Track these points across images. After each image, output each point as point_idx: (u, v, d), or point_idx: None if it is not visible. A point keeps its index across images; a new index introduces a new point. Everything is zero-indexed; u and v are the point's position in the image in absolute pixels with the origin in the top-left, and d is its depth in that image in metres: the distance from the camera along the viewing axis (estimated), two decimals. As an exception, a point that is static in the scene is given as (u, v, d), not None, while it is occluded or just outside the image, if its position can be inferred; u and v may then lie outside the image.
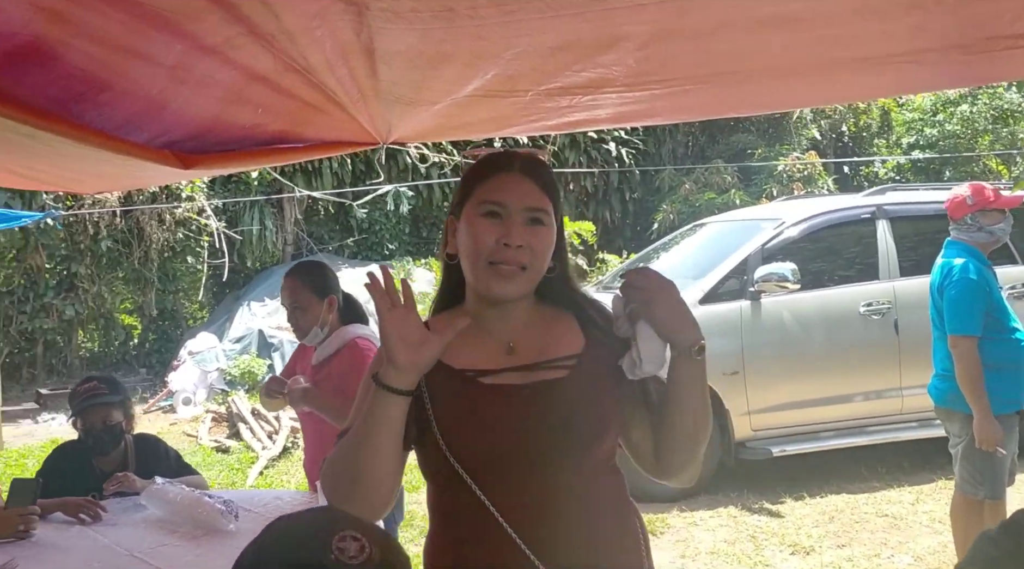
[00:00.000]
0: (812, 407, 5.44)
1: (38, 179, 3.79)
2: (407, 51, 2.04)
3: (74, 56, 1.87)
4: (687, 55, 2.08)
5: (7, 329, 9.49)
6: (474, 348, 1.43)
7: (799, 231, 5.74)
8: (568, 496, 1.38)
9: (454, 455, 1.36)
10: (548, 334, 1.46)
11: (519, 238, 1.38)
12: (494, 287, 1.38)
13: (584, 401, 1.40)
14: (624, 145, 13.01)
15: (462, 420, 1.38)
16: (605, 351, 1.44)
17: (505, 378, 1.41)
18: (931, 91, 10.95)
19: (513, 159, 1.46)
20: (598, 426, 1.41)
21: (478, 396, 1.40)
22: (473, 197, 1.43)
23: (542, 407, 1.38)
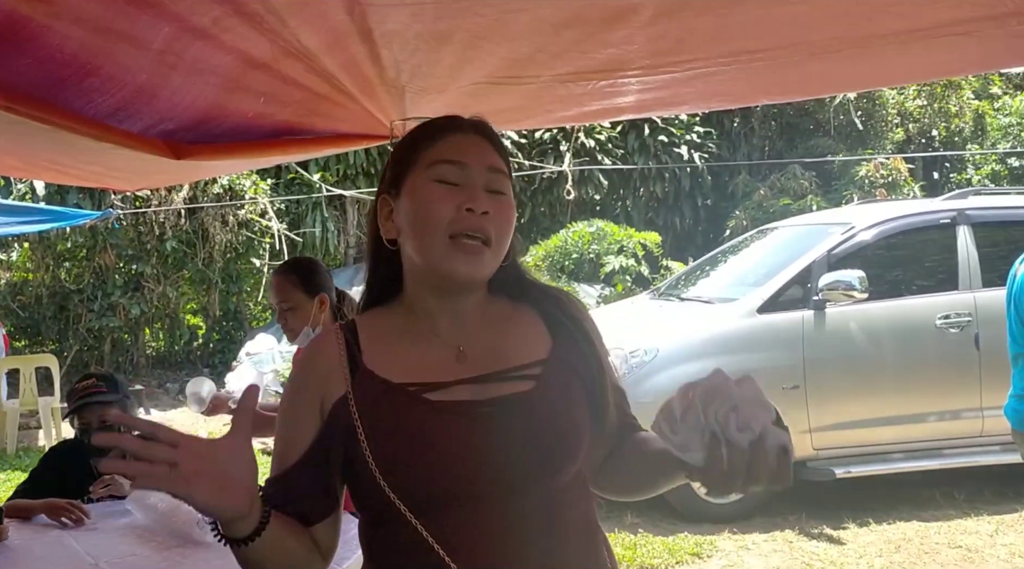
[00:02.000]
0: (880, 426, 5.05)
1: (73, 175, 3.80)
2: (403, 31, 1.90)
3: (54, 38, 1.78)
4: (703, 30, 1.87)
5: (76, 327, 9.78)
6: (416, 355, 1.19)
7: (870, 237, 5.37)
8: (530, 530, 1.14)
9: (394, 488, 1.11)
10: (506, 335, 1.23)
11: (483, 203, 1.15)
12: (459, 266, 1.14)
13: (553, 417, 1.16)
14: (697, 149, 12.63)
15: (403, 446, 1.12)
16: (574, 351, 1.22)
17: (457, 393, 1.15)
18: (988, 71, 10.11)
19: (463, 120, 1.23)
20: (569, 445, 1.17)
21: (423, 416, 1.14)
22: (418, 164, 1.19)
23: (503, 428, 1.13)
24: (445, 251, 1.14)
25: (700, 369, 5.01)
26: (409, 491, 1.11)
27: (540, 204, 12.23)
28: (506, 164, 1.23)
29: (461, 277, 1.15)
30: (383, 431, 1.13)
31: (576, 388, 1.21)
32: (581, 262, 10.41)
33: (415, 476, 1.11)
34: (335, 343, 1.20)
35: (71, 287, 9.86)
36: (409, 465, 1.11)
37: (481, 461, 1.11)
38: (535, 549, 1.14)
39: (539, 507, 1.14)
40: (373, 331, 1.22)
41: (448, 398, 1.15)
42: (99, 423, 2.67)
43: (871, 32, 1.78)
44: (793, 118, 13.32)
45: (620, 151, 12.30)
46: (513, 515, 1.12)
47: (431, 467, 1.11)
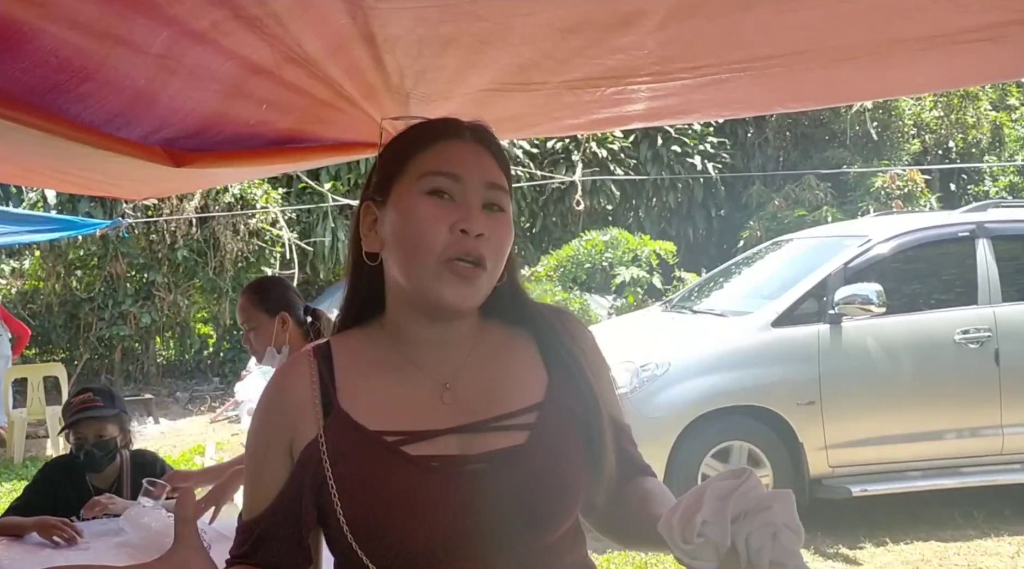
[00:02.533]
0: (898, 443, 4.94)
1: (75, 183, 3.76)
2: (406, 35, 1.85)
3: (48, 42, 1.73)
4: (715, 36, 1.80)
5: (87, 335, 9.78)
6: (397, 395, 1.06)
7: (887, 249, 5.26)
8: None
9: (366, 550, 1.00)
10: (498, 372, 1.10)
11: (479, 224, 1.03)
12: (449, 293, 1.02)
13: (547, 474, 1.04)
14: (711, 159, 12.54)
15: (378, 505, 1.00)
16: (571, 389, 1.10)
17: (442, 445, 1.03)
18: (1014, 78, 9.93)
19: (461, 125, 1.11)
20: (563, 503, 1.05)
21: (402, 473, 1.01)
22: (409, 172, 1.06)
23: (492, 487, 1.01)
24: (435, 275, 1.02)
25: (713, 384, 4.97)
26: (383, 553, 1.00)
27: (551, 214, 12.16)
28: (507, 176, 1.11)
29: (450, 305, 1.03)
30: (356, 486, 1.01)
31: (573, 435, 1.08)
32: (593, 272, 10.31)
33: (390, 538, 1.00)
34: (306, 373, 1.08)
35: (82, 295, 9.86)
36: (384, 526, 0.99)
37: (466, 522, 1.00)
38: None
39: (526, 564, 1.03)
40: (349, 360, 1.09)
41: (432, 452, 1.02)
42: (95, 438, 2.61)
43: (891, 38, 1.70)
44: (808, 129, 13.21)
45: (633, 161, 12.22)
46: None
47: (409, 529, 0.99)
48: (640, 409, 4.84)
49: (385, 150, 1.15)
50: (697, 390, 4.87)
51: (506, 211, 1.08)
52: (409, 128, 1.14)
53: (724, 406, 4.87)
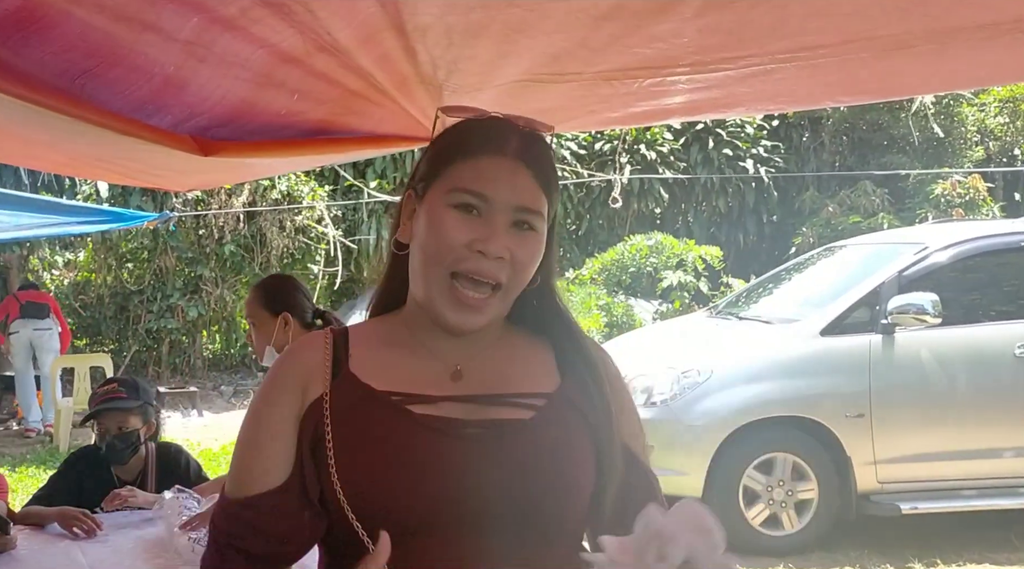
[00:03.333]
0: (952, 460, 4.75)
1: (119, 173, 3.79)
2: (435, 24, 1.79)
3: (74, 26, 1.70)
4: (759, 24, 1.70)
5: (135, 327, 9.96)
6: (407, 366, 1.04)
7: (944, 258, 5.07)
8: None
9: (357, 512, 0.96)
10: (512, 364, 1.07)
11: (500, 246, 0.99)
12: (450, 317, 1.00)
13: (552, 454, 1.00)
14: (764, 163, 12.29)
15: (375, 462, 0.97)
16: (583, 394, 1.06)
17: (446, 409, 1.00)
18: None
19: (508, 136, 1.04)
20: (566, 488, 1.00)
21: (402, 429, 0.98)
22: (443, 179, 1.03)
23: (494, 457, 0.98)
24: (442, 291, 1.00)
25: (757, 393, 4.82)
26: (374, 517, 0.95)
27: (598, 216, 12.04)
28: (547, 194, 1.04)
29: (452, 325, 1.01)
30: (355, 443, 0.98)
31: (580, 431, 1.04)
32: (639, 276, 10.18)
33: (383, 499, 0.96)
34: (320, 345, 1.06)
35: (132, 288, 10.06)
36: (379, 485, 0.96)
37: (461, 489, 0.96)
38: None
39: (535, 556, 0.97)
40: (365, 337, 1.08)
41: (435, 413, 1.00)
42: (116, 430, 2.59)
43: (950, 25, 1.58)
44: (866, 133, 12.87)
45: (682, 164, 12.03)
46: (481, 556, 0.95)
47: (403, 490, 0.95)
48: (680, 416, 4.73)
49: (432, 145, 1.10)
50: (740, 399, 4.74)
51: (537, 230, 1.03)
52: (459, 127, 1.09)
53: (768, 416, 4.73)
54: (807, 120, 12.72)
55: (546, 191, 1.04)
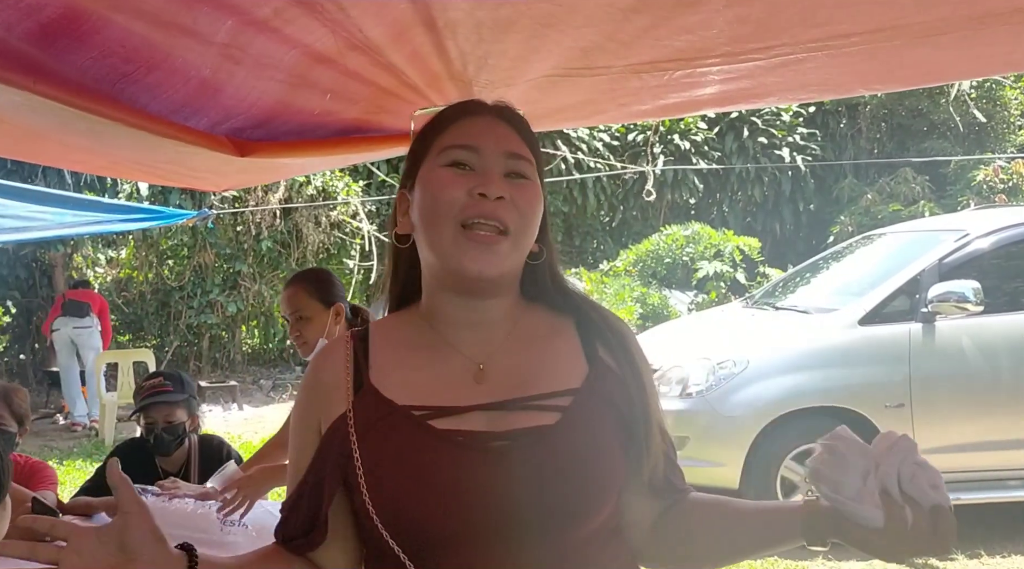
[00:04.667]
0: (996, 450, 4.66)
1: (157, 175, 3.86)
2: (465, 19, 1.80)
3: (114, 32, 1.75)
4: (789, 13, 1.69)
5: (176, 323, 10.14)
6: (429, 373, 1.05)
7: (987, 245, 4.96)
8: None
9: (389, 527, 0.98)
10: (536, 356, 1.07)
11: (498, 188, 1.02)
12: (469, 260, 1.01)
13: (577, 458, 1.00)
14: (800, 152, 12.13)
15: (402, 480, 0.98)
16: (613, 381, 1.06)
17: (470, 421, 1.01)
18: None
19: (480, 103, 1.13)
20: (594, 492, 1.01)
21: (427, 447, 0.99)
22: (431, 151, 1.08)
23: (518, 466, 0.98)
24: (455, 241, 1.01)
25: (795, 383, 4.76)
26: (405, 532, 0.98)
27: (631, 207, 11.98)
28: (532, 151, 1.10)
29: (473, 273, 1.01)
30: (381, 461, 0.99)
31: (610, 426, 1.04)
32: (674, 267, 10.12)
33: (413, 516, 0.97)
34: (342, 355, 1.08)
35: (172, 284, 10.24)
36: (407, 503, 0.97)
37: (489, 502, 0.97)
38: None
39: (559, 558, 0.98)
40: (385, 341, 1.09)
41: (458, 427, 1.00)
42: (164, 422, 2.66)
43: (984, 11, 1.56)
44: (905, 119, 12.64)
45: (717, 153, 11.92)
46: (523, 565, 0.97)
47: (432, 507, 0.97)
48: (716, 407, 4.71)
49: (413, 140, 1.16)
50: (777, 389, 4.70)
51: (530, 179, 1.07)
52: (432, 116, 1.15)
53: (806, 407, 4.67)
54: (844, 107, 12.53)
55: (528, 144, 1.09)
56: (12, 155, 4.28)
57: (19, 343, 10.46)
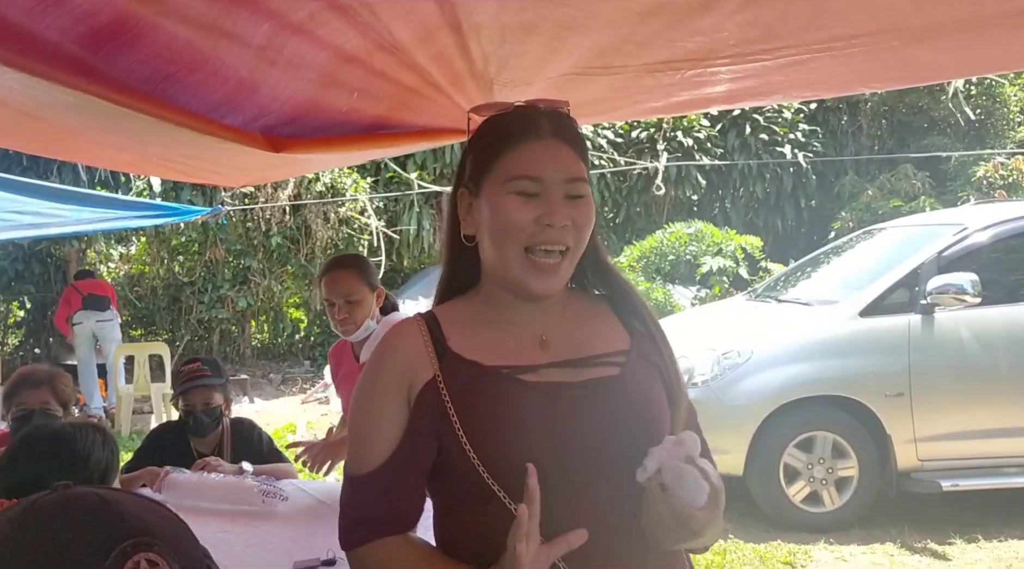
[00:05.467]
0: (994, 438, 4.78)
1: (181, 171, 3.98)
2: (490, 23, 1.92)
3: (160, 36, 1.87)
4: (795, 18, 1.81)
5: (188, 318, 10.28)
6: (501, 342, 1.19)
7: (985, 238, 5.09)
8: (619, 516, 1.13)
9: (491, 471, 1.10)
10: (585, 328, 1.24)
11: (563, 216, 1.15)
12: (533, 284, 1.16)
13: (640, 403, 1.18)
14: (802, 148, 12.23)
15: (499, 428, 1.12)
16: (651, 349, 1.23)
17: (548, 375, 1.16)
18: None
19: (540, 119, 1.20)
20: (655, 432, 1.16)
21: (518, 397, 1.14)
22: (496, 171, 1.18)
23: (596, 409, 1.15)
24: (521, 265, 1.15)
25: (797, 373, 4.89)
26: (504, 473, 1.10)
27: (635, 204, 12.09)
28: (584, 161, 1.21)
29: (537, 294, 1.17)
30: (477, 413, 1.13)
31: (656, 382, 1.21)
32: (677, 264, 10.23)
33: (511, 458, 1.10)
34: (416, 330, 1.20)
35: (184, 280, 10.38)
36: (505, 447, 1.11)
37: (576, 443, 1.12)
38: (623, 536, 1.13)
39: (629, 496, 1.12)
40: (453, 319, 1.22)
41: (542, 379, 1.15)
42: (202, 405, 2.79)
43: (977, 15, 1.68)
44: (906, 116, 12.74)
45: (719, 150, 12.02)
46: (605, 502, 1.12)
47: (527, 448, 1.10)
48: (721, 397, 4.83)
49: (473, 144, 1.25)
50: (780, 379, 4.83)
51: (586, 196, 1.19)
52: (495, 122, 1.23)
53: (808, 396, 4.81)
54: (845, 104, 12.62)
55: (583, 159, 1.21)
56: (44, 152, 4.40)
57: (34, 337, 10.60)
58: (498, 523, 1.07)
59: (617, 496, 1.12)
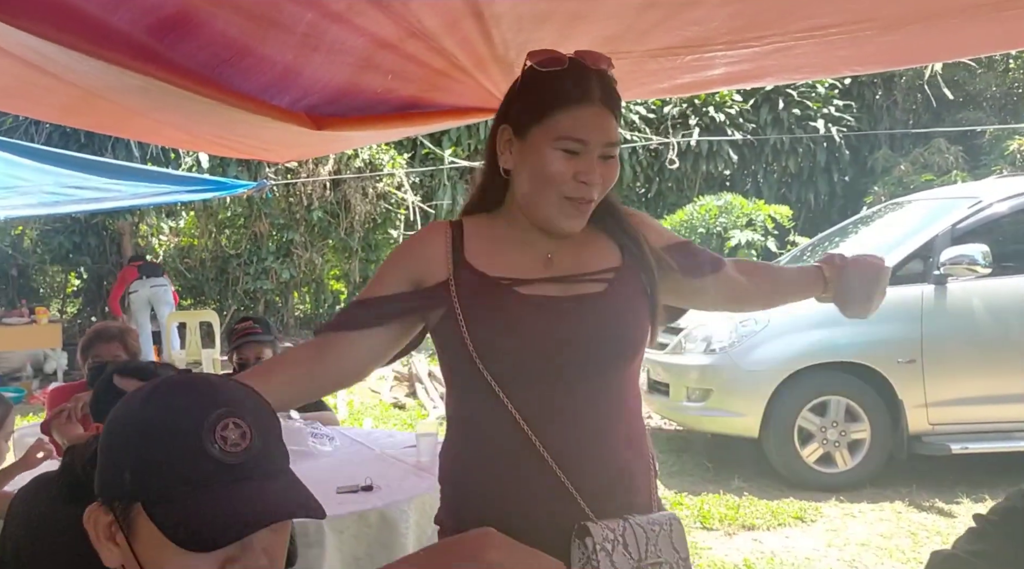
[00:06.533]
0: (1003, 404, 4.95)
1: (231, 147, 4.29)
2: (509, 12, 2.14)
3: (217, 24, 2.11)
4: (777, 9, 2.03)
5: (234, 289, 10.72)
6: (510, 257, 1.41)
7: (998, 211, 5.22)
8: (594, 411, 1.37)
9: (487, 367, 1.34)
10: (585, 247, 1.45)
11: (596, 176, 1.35)
12: (563, 223, 1.37)
13: (620, 317, 1.39)
14: (835, 123, 12.22)
15: (498, 331, 1.35)
16: (640, 268, 1.44)
17: (543, 289, 1.39)
18: None
19: (591, 83, 1.36)
20: (631, 343, 1.40)
21: (513, 305, 1.37)
22: (547, 126, 1.34)
23: (579, 320, 1.37)
24: (558, 208, 1.36)
25: (812, 340, 5.12)
26: (495, 365, 1.34)
27: (667, 179, 12.21)
28: (619, 121, 1.40)
29: (564, 232, 1.39)
30: (480, 317, 1.36)
31: (641, 295, 1.43)
32: (708, 237, 10.38)
33: (506, 356, 1.34)
34: (443, 235, 1.44)
35: (230, 252, 10.80)
36: (501, 347, 1.34)
37: (562, 346, 1.34)
38: (598, 428, 1.38)
39: (603, 393, 1.38)
40: (476, 231, 1.45)
41: (535, 292, 1.38)
42: (255, 360, 3.10)
43: (934, 10, 1.90)
44: (940, 91, 12.66)
45: (752, 125, 12.08)
46: (581, 395, 1.36)
47: (520, 349, 1.34)
48: (738, 362, 5.07)
49: (525, 91, 1.42)
50: (796, 346, 5.04)
51: (615, 157, 1.39)
52: (547, 79, 1.39)
53: (823, 362, 5.02)
54: (879, 79, 12.56)
55: (618, 120, 1.39)
56: (108, 130, 4.72)
57: (91, 306, 11.13)
58: (491, 411, 1.34)
59: (600, 393, 1.38)
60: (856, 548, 4.15)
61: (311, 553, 1.98)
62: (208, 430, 0.86)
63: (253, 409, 0.91)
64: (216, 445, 0.85)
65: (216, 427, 0.86)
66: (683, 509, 4.62)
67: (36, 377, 8.48)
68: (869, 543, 4.19)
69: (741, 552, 4.11)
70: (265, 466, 0.89)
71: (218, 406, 0.88)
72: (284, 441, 0.94)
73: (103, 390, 2.00)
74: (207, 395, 0.90)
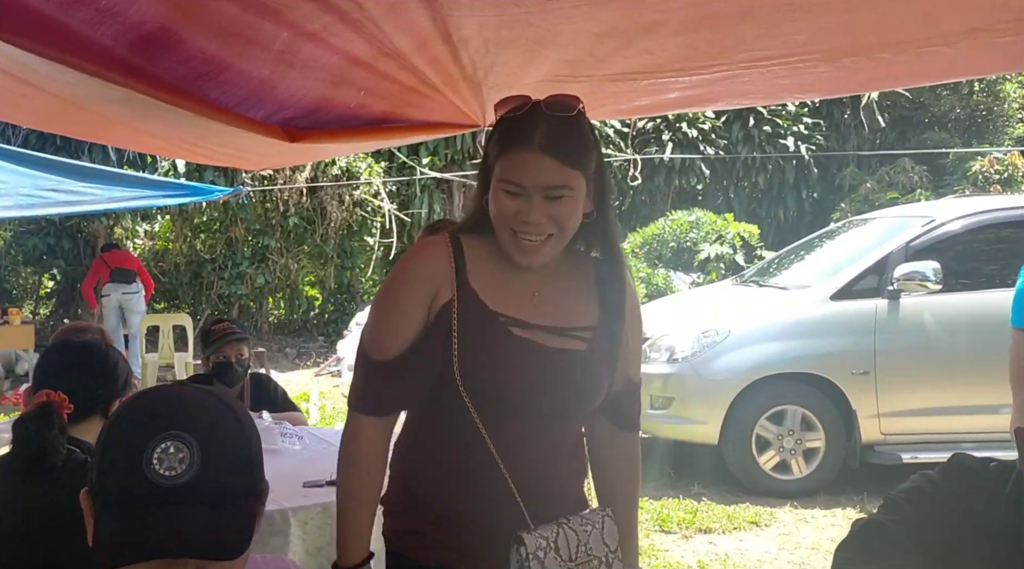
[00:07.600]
0: (951, 415, 5.13)
1: (208, 155, 4.39)
2: (476, 36, 2.26)
3: (196, 41, 2.19)
4: (720, 42, 2.17)
5: (208, 293, 10.77)
6: (503, 289, 1.46)
7: (951, 230, 5.42)
8: (558, 444, 1.51)
9: (465, 386, 1.40)
10: (569, 294, 1.52)
11: (537, 216, 1.38)
12: (519, 257, 1.42)
13: (595, 375, 1.50)
14: (804, 141, 12.52)
15: (485, 362, 1.41)
16: (614, 327, 1.52)
17: (535, 335, 1.44)
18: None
19: (534, 130, 1.39)
20: (599, 395, 1.52)
21: (507, 345, 1.42)
22: (497, 167, 1.42)
23: (562, 372, 1.45)
24: (508, 241, 1.42)
25: (770, 351, 5.28)
26: (481, 400, 1.42)
27: (640, 192, 12.42)
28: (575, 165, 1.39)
29: (522, 264, 1.43)
30: (473, 346, 1.41)
31: (607, 360, 1.52)
32: (679, 250, 10.59)
33: (490, 389, 1.41)
34: (445, 252, 1.46)
35: (205, 256, 10.85)
36: (488, 379, 1.41)
37: (544, 393, 1.44)
38: (553, 456, 1.52)
39: (572, 428, 1.54)
40: (475, 253, 1.48)
41: (529, 337, 1.44)
42: (236, 357, 3.18)
43: (859, 45, 2.07)
44: (907, 111, 13.01)
45: (723, 141, 12.33)
46: (547, 435, 1.49)
47: (506, 387, 1.41)
48: (700, 371, 5.22)
49: (488, 136, 1.53)
50: (755, 356, 5.20)
51: (566, 197, 1.39)
52: (500, 125, 1.48)
53: (780, 372, 5.19)
54: (848, 99, 12.88)
55: (572, 164, 1.38)
56: (86, 137, 4.79)
57: (63, 308, 11.13)
58: (463, 433, 1.42)
59: (564, 430, 1.52)
60: (806, 552, 4.31)
61: (275, 541, 2.10)
62: (150, 450, 0.87)
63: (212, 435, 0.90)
64: (151, 466, 0.87)
65: (157, 449, 0.87)
66: (643, 513, 4.76)
67: (8, 378, 8.48)
68: (819, 547, 4.35)
69: (696, 554, 4.26)
70: (206, 493, 0.88)
71: (170, 427, 0.89)
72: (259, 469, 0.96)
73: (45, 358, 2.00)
74: (163, 415, 0.91)
